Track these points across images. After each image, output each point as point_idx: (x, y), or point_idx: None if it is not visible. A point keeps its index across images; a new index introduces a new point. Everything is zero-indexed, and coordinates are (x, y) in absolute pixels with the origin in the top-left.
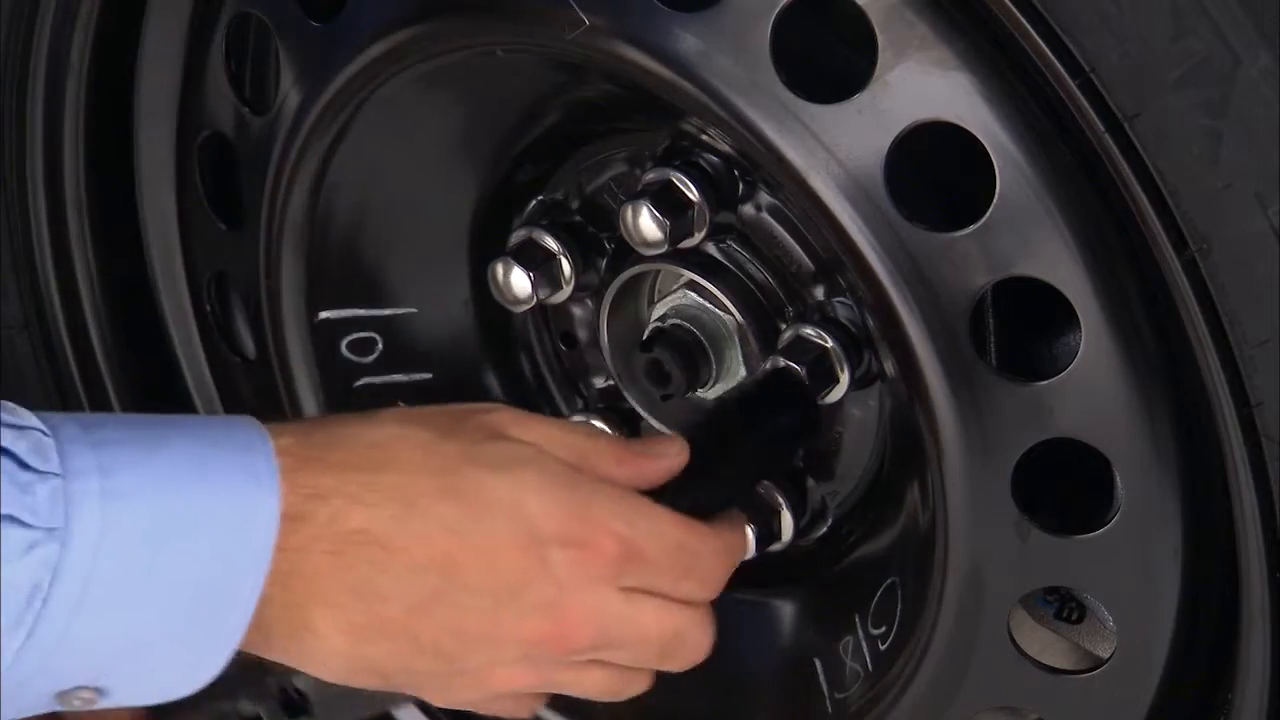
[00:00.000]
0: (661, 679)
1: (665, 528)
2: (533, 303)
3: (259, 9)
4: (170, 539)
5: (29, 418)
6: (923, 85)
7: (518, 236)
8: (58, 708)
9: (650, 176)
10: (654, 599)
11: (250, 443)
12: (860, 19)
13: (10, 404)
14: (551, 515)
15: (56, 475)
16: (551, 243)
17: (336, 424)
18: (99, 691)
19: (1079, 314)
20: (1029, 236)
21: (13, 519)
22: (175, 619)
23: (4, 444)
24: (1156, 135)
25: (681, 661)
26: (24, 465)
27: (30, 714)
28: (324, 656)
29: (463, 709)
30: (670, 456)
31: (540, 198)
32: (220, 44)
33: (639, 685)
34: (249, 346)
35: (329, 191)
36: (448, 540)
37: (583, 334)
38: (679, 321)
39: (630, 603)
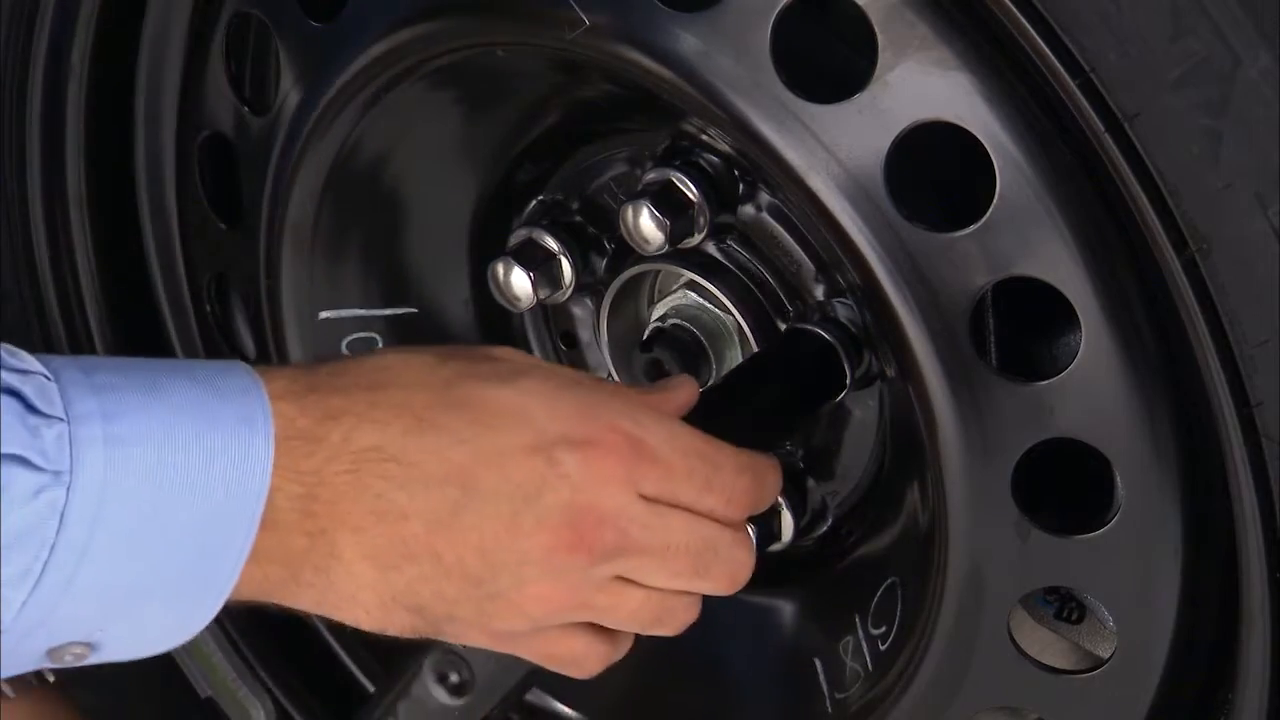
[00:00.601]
0: (662, 679)
1: (679, 432)
2: (533, 303)
3: (259, 9)
4: (172, 485)
5: (31, 361)
6: (923, 85)
7: (518, 236)
8: (48, 664)
9: (650, 176)
10: (678, 510)
11: (245, 388)
12: (860, 19)
13: (10, 346)
14: (556, 416)
15: (61, 420)
16: (552, 243)
17: (337, 358)
18: (90, 647)
19: (1079, 314)
20: (1029, 236)
21: (22, 460)
22: (173, 566)
23: (12, 385)
24: (1156, 135)
25: (720, 578)
26: (31, 408)
27: (21, 671)
28: (354, 590)
29: (521, 655)
30: (681, 389)
31: (540, 197)
32: (220, 44)
33: (682, 615)
34: (249, 346)
35: (329, 191)
36: (459, 451)
37: (583, 334)
38: (679, 321)
39: (653, 509)
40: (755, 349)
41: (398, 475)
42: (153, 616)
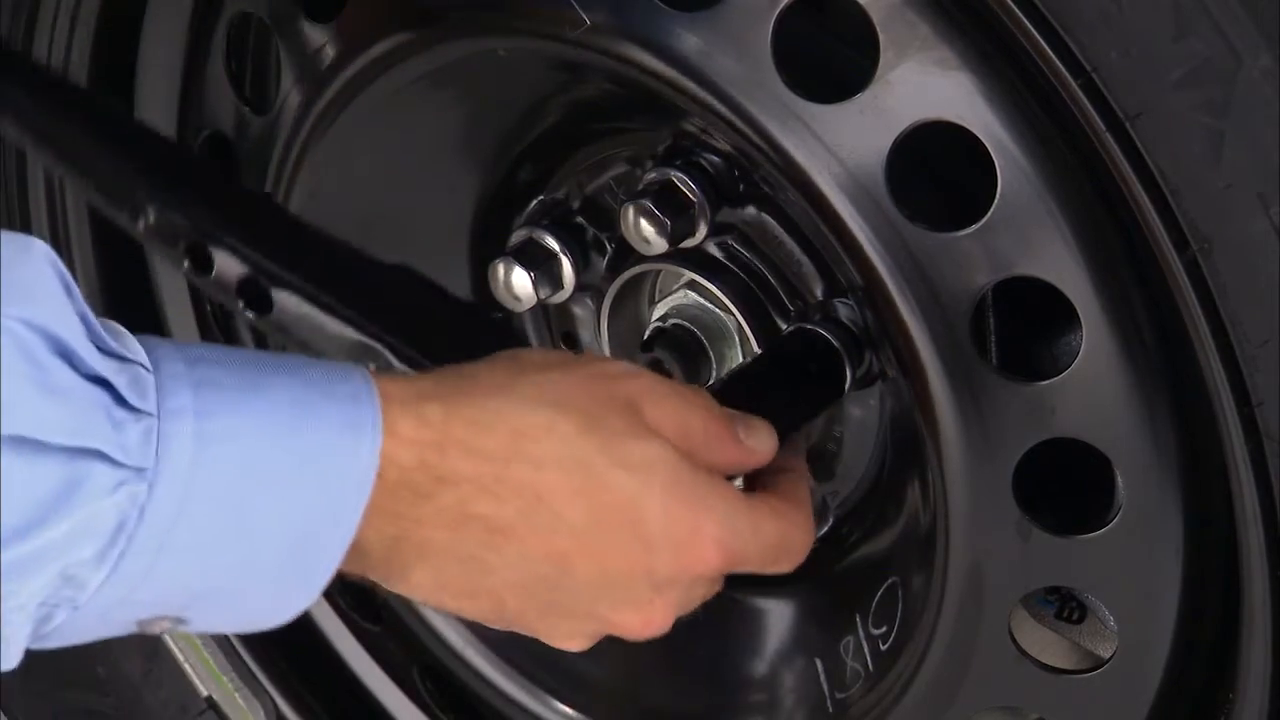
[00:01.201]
0: (664, 680)
1: (765, 526)
2: (534, 302)
3: (259, 8)
4: (262, 487)
5: (135, 349)
6: (924, 85)
7: (518, 236)
8: (139, 631)
9: (651, 176)
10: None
11: (354, 392)
12: (862, 19)
13: (116, 326)
14: (669, 529)
15: (151, 415)
16: (552, 242)
17: (479, 399)
18: (179, 621)
19: (1080, 314)
20: (1030, 236)
21: (102, 455)
22: (262, 562)
23: (105, 374)
24: (1158, 135)
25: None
26: (121, 401)
27: (116, 634)
28: (406, 591)
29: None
30: (765, 451)
31: (541, 197)
32: (221, 43)
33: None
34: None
35: (329, 191)
36: (567, 540)
37: (584, 334)
38: (680, 321)
39: (707, 591)
40: (756, 349)
41: (497, 544)
42: (244, 602)
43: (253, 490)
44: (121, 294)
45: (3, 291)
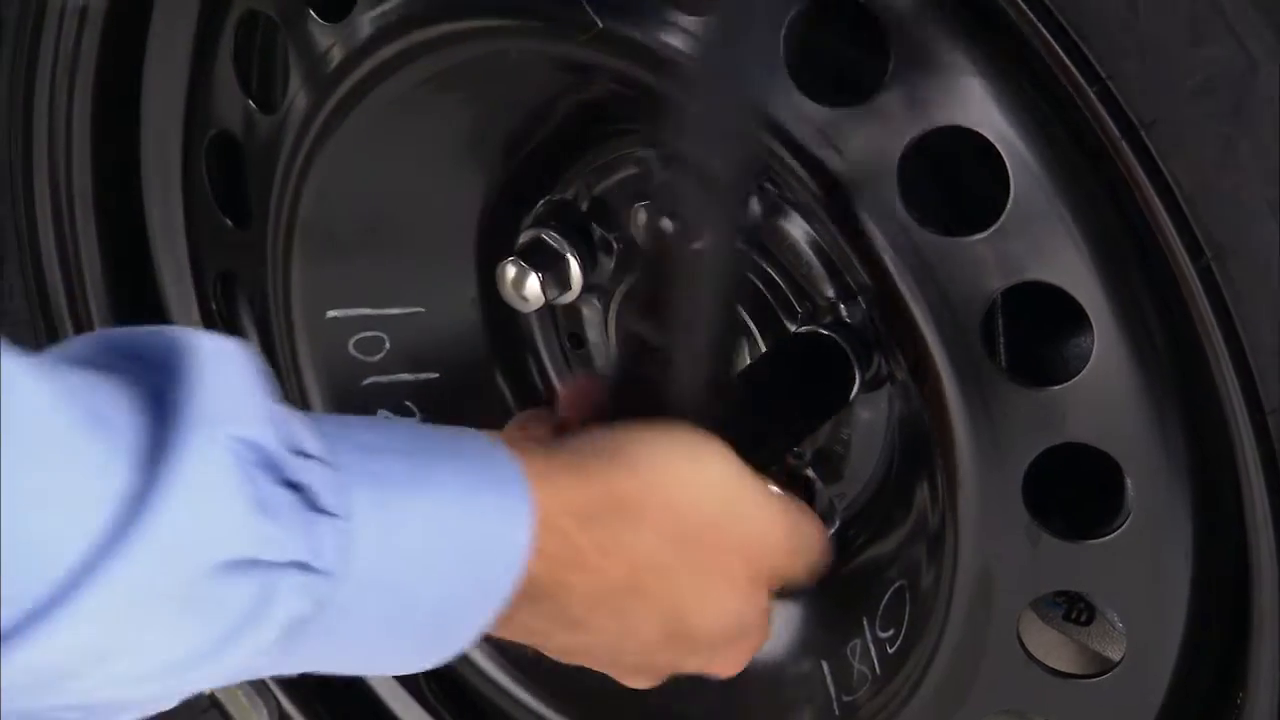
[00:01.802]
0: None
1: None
2: (541, 303)
3: (268, 7)
4: (427, 575)
5: (310, 442)
6: (937, 90)
7: (526, 237)
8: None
9: (660, 177)
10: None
11: (507, 478)
12: (875, 23)
13: (285, 411)
14: (720, 628)
15: (341, 518)
16: (560, 243)
17: (614, 515)
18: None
19: (1092, 319)
20: (1043, 242)
21: (301, 564)
22: (410, 638)
23: (300, 479)
24: (1173, 142)
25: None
26: (313, 504)
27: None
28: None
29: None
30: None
31: (549, 198)
32: (228, 42)
33: None
34: (255, 345)
35: (338, 190)
36: (650, 625)
37: (591, 334)
38: None
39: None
40: (763, 350)
41: (633, 599)
42: (375, 664)
43: (418, 579)
44: (126, 295)
45: (218, 405)
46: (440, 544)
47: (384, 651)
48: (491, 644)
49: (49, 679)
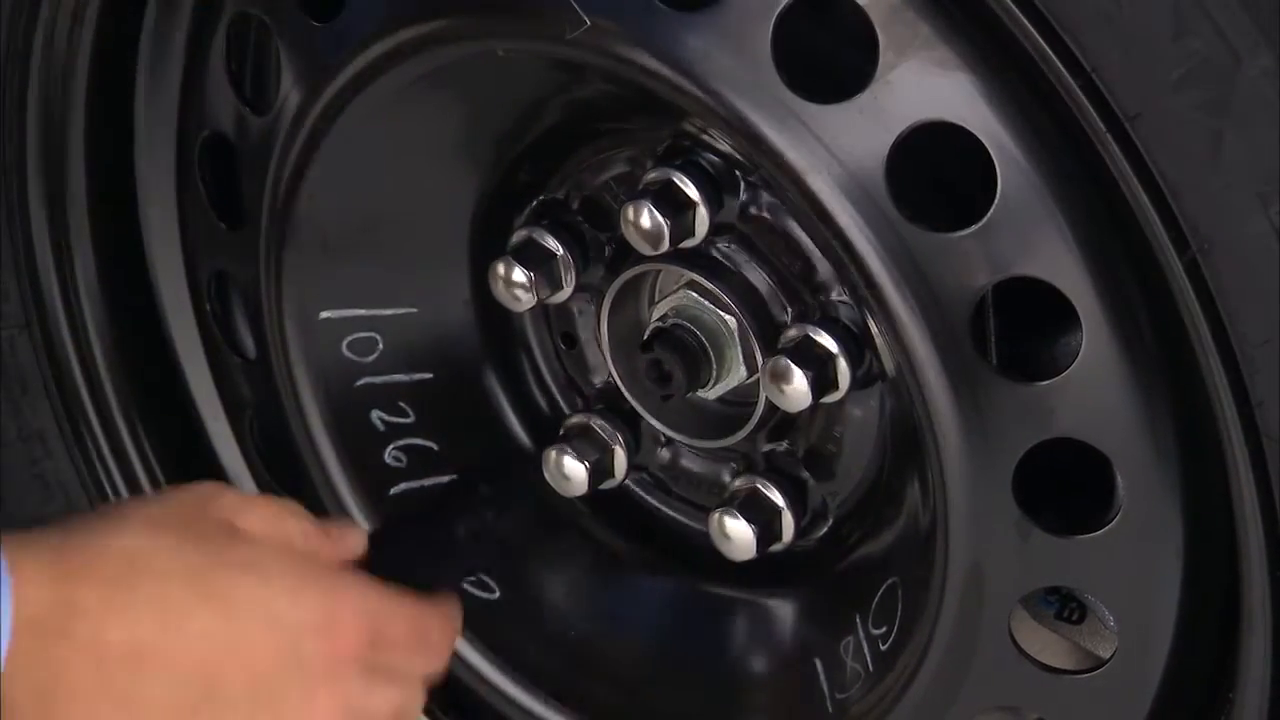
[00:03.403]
0: (663, 680)
1: (403, 608)
2: (533, 302)
3: (259, 8)
4: None
5: None
6: (924, 85)
7: (518, 236)
8: None
9: (651, 176)
10: (388, 683)
11: None
12: (862, 19)
13: None
14: (301, 609)
15: None
16: (552, 242)
17: (85, 534)
18: None
19: (1080, 314)
20: (1030, 237)
21: None
22: None
23: None
24: (1158, 135)
25: None
26: None
27: None
28: None
29: None
30: (358, 540)
31: (541, 197)
32: (220, 44)
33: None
34: (249, 346)
35: (330, 191)
36: (208, 646)
37: (583, 334)
38: (680, 321)
39: (369, 686)
40: (756, 349)
41: (145, 671)
42: None
43: None
44: (121, 295)
45: None
46: None
47: None
48: (488, 645)
49: None
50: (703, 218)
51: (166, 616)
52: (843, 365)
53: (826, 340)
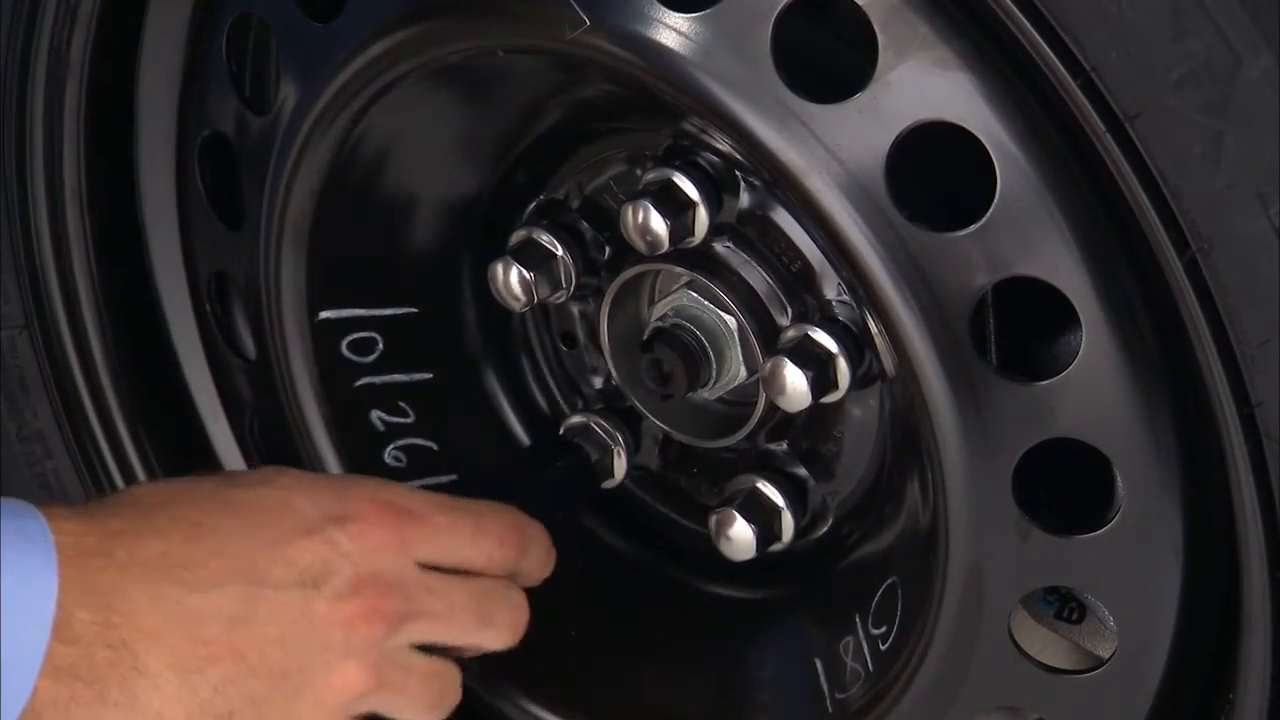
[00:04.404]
0: (663, 680)
1: (430, 499)
2: (533, 303)
3: (259, 9)
4: None
5: None
6: (924, 85)
7: (518, 236)
8: None
9: (651, 176)
10: (448, 577)
11: (16, 510)
12: (861, 19)
13: None
14: (319, 503)
15: None
16: (552, 243)
17: (103, 499)
18: None
19: (1080, 314)
20: (1030, 237)
21: None
22: None
23: None
24: (1158, 135)
25: (504, 627)
26: None
27: None
28: (161, 705)
29: None
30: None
31: (540, 197)
32: (220, 44)
33: (457, 690)
34: (249, 346)
35: (329, 191)
36: (241, 546)
37: (583, 334)
38: (680, 321)
39: (429, 573)
40: (756, 348)
41: (188, 579)
42: None
43: None
44: (121, 295)
45: None
46: None
47: None
48: None
49: None
50: (702, 218)
51: (193, 528)
52: (842, 365)
53: (826, 340)
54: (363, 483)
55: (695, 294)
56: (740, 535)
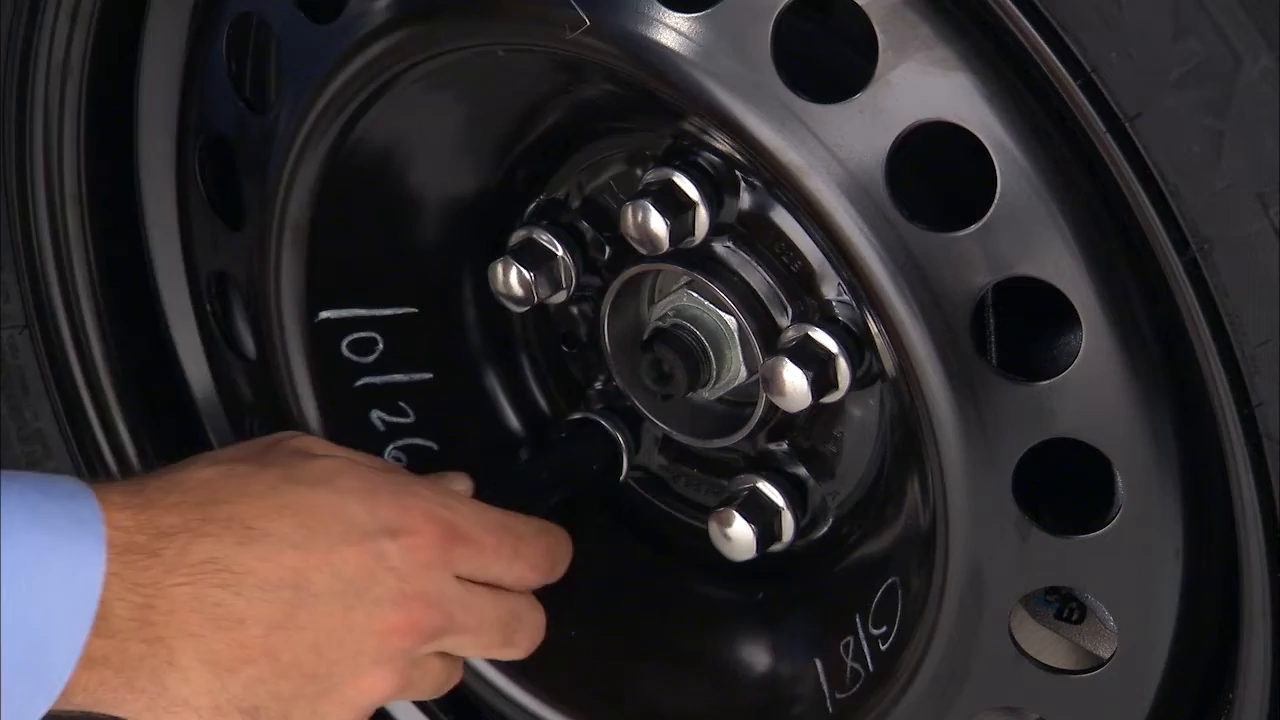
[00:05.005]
0: (667, 678)
1: (485, 511)
2: (533, 303)
3: (259, 9)
4: (7, 581)
5: None
6: (924, 85)
7: (518, 236)
8: None
9: (651, 176)
10: (489, 588)
11: (74, 493)
12: (861, 19)
13: None
14: (375, 511)
15: None
16: (552, 243)
17: (163, 474)
18: None
19: (1080, 314)
20: (1030, 237)
21: None
22: (9, 656)
23: None
24: (1158, 135)
25: (523, 644)
26: None
27: None
28: (188, 695)
29: None
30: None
31: (541, 197)
32: (221, 44)
33: (460, 674)
34: (249, 346)
35: (329, 191)
36: (290, 555)
37: (583, 334)
38: (680, 321)
39: (467, 589)
40: (756, 349)
41: (233, 583)
42: None
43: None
44: (121, 295)
45: None
46: (18, 553)
47: None
48: None
49: None
50: (702, 218)
51: (246, 531)
52: (842, 365)
53: (826, 340)
54: (422, 493)
55: (695, 294)
56: (740, 535)
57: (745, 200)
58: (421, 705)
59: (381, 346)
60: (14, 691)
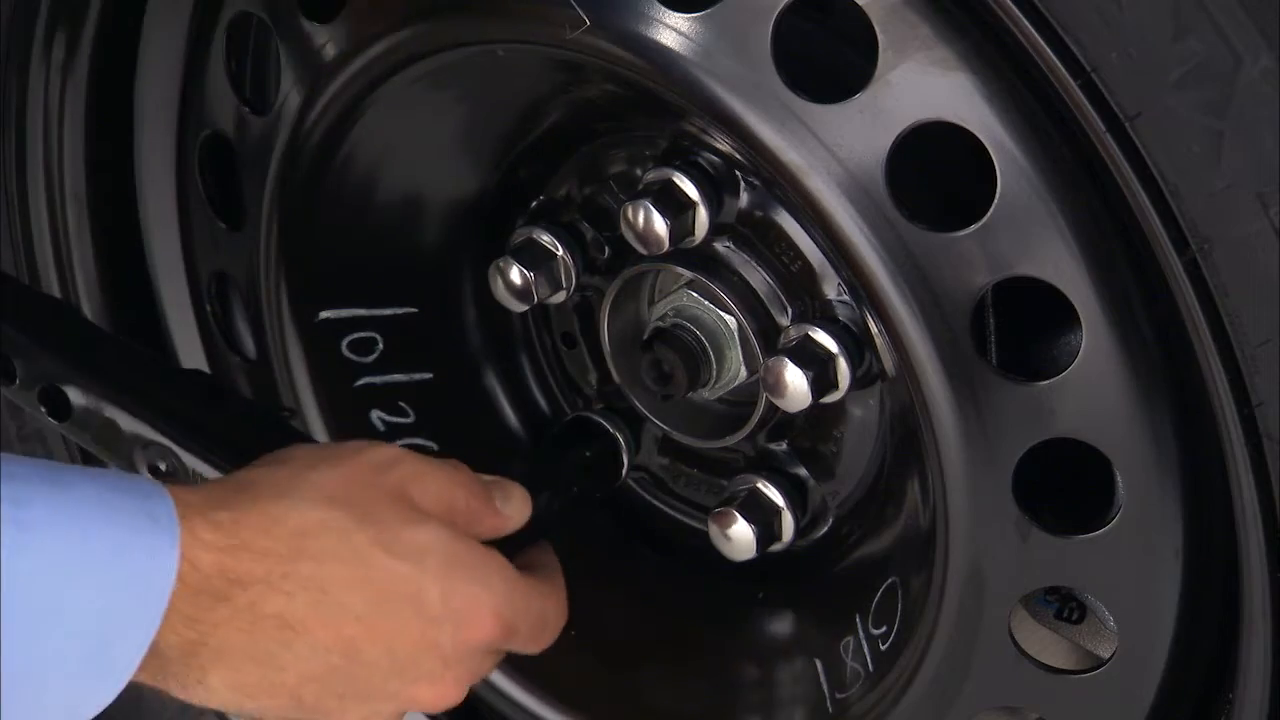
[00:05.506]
0: (667, 678)
1: (534, 604)
2: (533, 302)
3: (259, 9)
4: (76, 574)
5: None
6: (924, 85)
7: (518, 236)
8: None
9: (651, 176)
10: (498, 659)
11: (149, 492)
12: (861, 19)
13: None
14: (449, 600)
15: None
16: (552, 242)
17: (261, 502)
18: None
19: (1080, 314)
20: (1030, 236)
21: None
22: (72, 651)
23: None
24: (1158, 135)
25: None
26: None
27: None
28: (206, 698)
29: None
30: (519, 516)
31: (541, 197)
32: (220, 44)
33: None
34: (249, 346)
35: (329, 191)
36: (354, 626)
37: (583, 334)
38: (680, 321)
39: (484, 664)
40: (756, 348)
41: (289, 639)
42: (50, 694)
43: (64, 580)
44: (121, 293)
45: None
46: (90, 546)
47: (39, 665)
48: None
49: None
50: (702, 218)
51: (322, 596)
52: (842, 365)
53: (826, 340)
54: (496, 586)
55: (695, 294)
56: (740, 535)
57: (745, 200)
58: None
59: (381, 346)
60: (80, 679)
